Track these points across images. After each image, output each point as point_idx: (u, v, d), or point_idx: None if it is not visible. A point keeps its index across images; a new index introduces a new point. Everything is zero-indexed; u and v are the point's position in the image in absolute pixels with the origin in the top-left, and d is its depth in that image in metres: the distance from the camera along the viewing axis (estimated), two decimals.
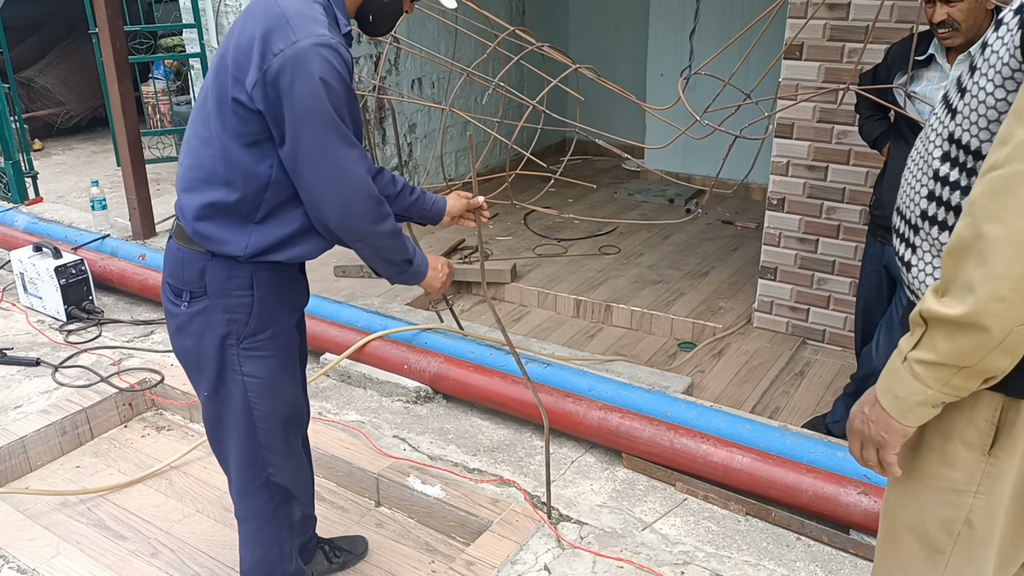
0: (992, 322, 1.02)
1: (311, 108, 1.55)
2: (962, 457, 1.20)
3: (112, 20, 3.96)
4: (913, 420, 1.16)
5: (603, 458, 2.67)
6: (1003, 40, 1.11)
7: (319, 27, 1.57)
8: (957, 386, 1.10)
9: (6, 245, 4.32)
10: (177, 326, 1.79)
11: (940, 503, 1.23)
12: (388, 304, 3.87)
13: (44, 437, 2.83)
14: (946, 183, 1.19)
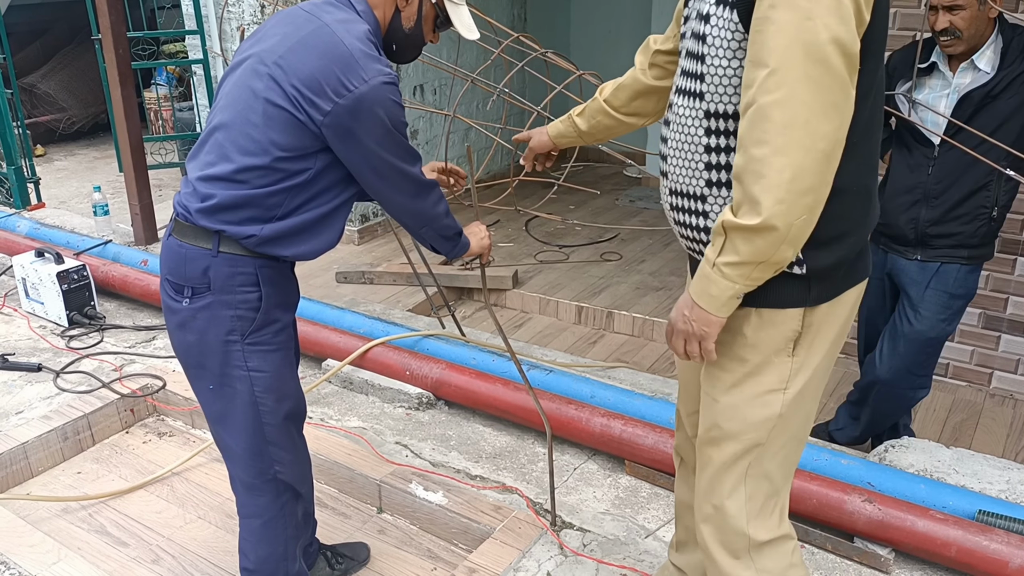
0: (778, 221, 1.27)
1: (384, 137, 1.73)
2: (773, 363, 1.46)
3: (115, 26, 3.97)
4: (725, 312, 1.40)
5: (606, 465, 2.66)
6: (720, 26, 1.35)
7: (383, 66, 1.71)
8: (757, 278, 1.35)
9: (8, 250, 4.32)
10: (179, 322, 1.80)
11: (758, 407, 1.48)
12: (390, 310, 3.86)
13: (45, 443, 2.83)
14: (719, 151, 1.42)
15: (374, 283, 4.70)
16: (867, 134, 1.39)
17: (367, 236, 5.36)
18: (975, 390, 3.73)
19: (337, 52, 1.69)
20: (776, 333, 1.45)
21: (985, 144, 2.41)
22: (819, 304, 1.44)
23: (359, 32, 1.73)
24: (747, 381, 1.49)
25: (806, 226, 1.31)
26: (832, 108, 1.25)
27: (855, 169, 1.38)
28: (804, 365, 1.48)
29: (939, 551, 2.12)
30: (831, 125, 1.26)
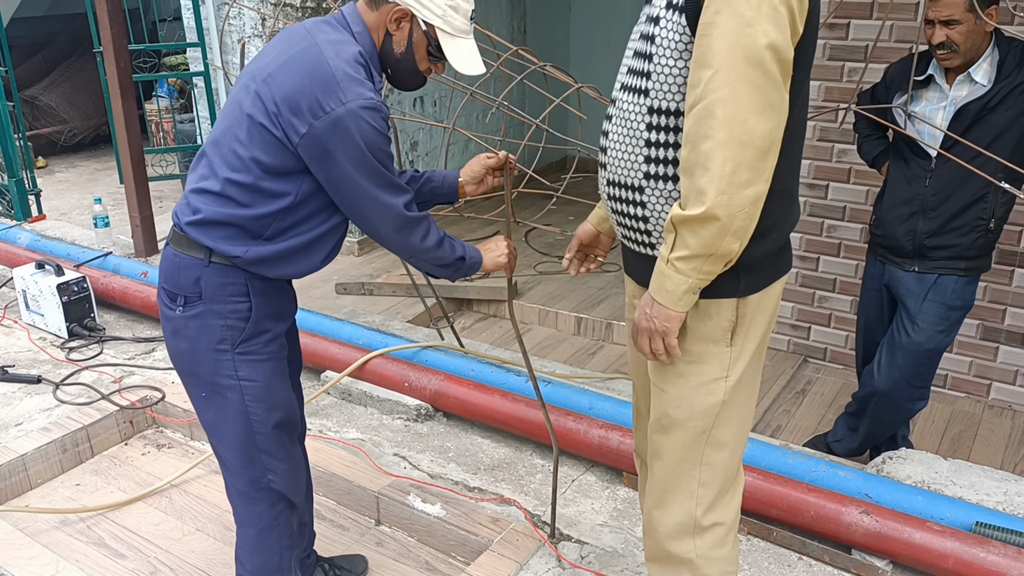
0: (720, 212, 1.36)
1: (359, 161, 1.70)
2: (713, 353, 1.56)
3: (117, 39, 3.99)
4: (683, 306, 1.48)
5: (604, 477, 2.66)
6: (668, 28, 1.44)
7: (366, 90, 1.69)
8: (708, 271, 1.44)
9: (9, 262, 4.33)
10: (172, 330, 1.84)
11: (703, 395, 1.58)
12: (389, 321, 3.87)
13: (44, 455, 2.83)
14: (659, 145, 1.50)
15: (373, 294, 4.71)
16: (791, 139, 1.47)
17: (367, 247, 5.38)
18: (973, 401, 3.73)
19: (319, 72, 1.68)
20: (713, 324, 1.54)
21: (982, 156, 2.43)
22: (749, 295, 1.54)
23: (348, 54, 1.71)
24: (691, 370, 1.58)
25: (749, 219, 1.39)
26: (768, 108, 1.34)
27: (779, 170, 1.45)
28: (742, 353, 1.58)
29: (937, 563, 2.12)
30: (768, 124, 1.35)
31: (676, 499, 1.66)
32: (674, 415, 1.61)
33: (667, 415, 1.62)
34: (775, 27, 1.32)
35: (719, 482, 1.65)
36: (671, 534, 1.68)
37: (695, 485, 1.64)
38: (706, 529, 1.66)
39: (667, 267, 1.45)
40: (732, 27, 1.32)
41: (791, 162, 1.52)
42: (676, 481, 1.66)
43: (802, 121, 1.52)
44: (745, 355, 1.58)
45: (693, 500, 1.65)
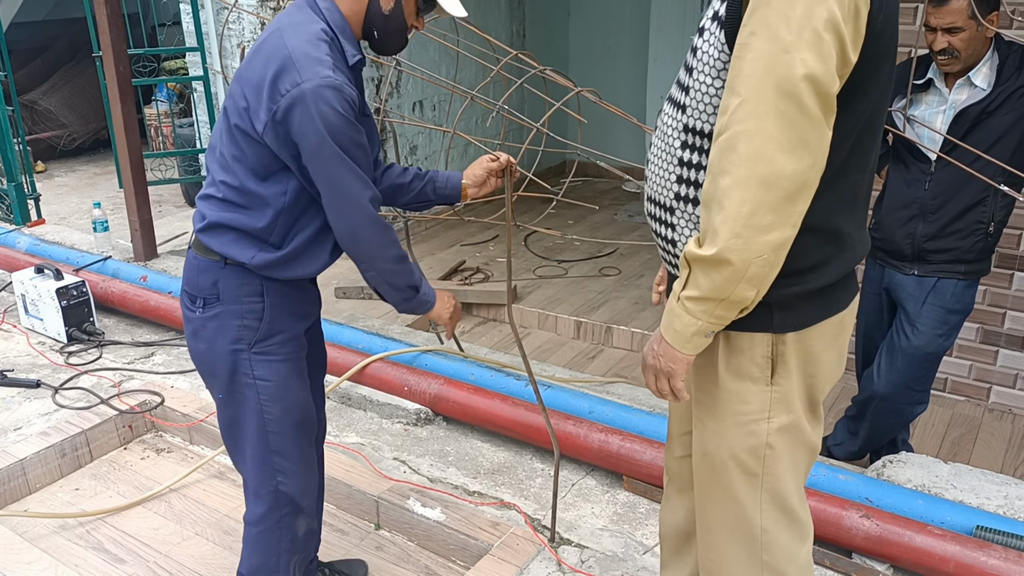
0: (733, 256, 1.23)
1: (318, 146, 1.65)
2: (751, 391, 1.42)
3: (116, 43, 3.99)
4: (691, 349, 1.36)
5: (604, 481, 2.66)
6: (710, 42, 1.33)
7: (324, 68, 1.64)
8: (720, 316, 1.31)
9: (8, 266, 4.32)
10: (192, 331, 1.88)
11: (744, 435, 1.45)
12: (389, 325, 3.87)
13: (43, 459, 2.82)
14: (691, 166, 1.39)
15: (372, 298, 4.70)
16: (843, 173, 1.34)
17: None
18: (973, 405, 3.73)
19: (277, 56, 1.66)
20: (746, 359, 1.42)
21: (981, 160, 2.43)
22: (784, 332, 1.40)
23: (310, 32, 1.68)
24: (729, 408, 1.45)
25: (768, 267, 1.25)
26: (801, 146, 1.20)
27: (824, 208, 1.33)
28: (787, 396, 1.43)
29: (938, 567, 2.11)
30: (799, 164, 1.21)
31: (726, 554, 1.54)
32: (715, 453, 1.49)
33: (709, 453, 1.50)
34: (816, 56, 1.18)
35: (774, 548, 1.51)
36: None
37: (750, 528, 1.51)
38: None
39: (677, 305, 1.33)
40: (767, 52, 1.19)
41: (843, 199, 1.37)
42: (727, 525, 1.53)
43: (863, 154, 1.36)
44: (792, 398, 1.43)
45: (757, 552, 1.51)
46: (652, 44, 6.36)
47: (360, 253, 1.78)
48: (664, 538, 1.90)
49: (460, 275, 4.97)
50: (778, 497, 1.49)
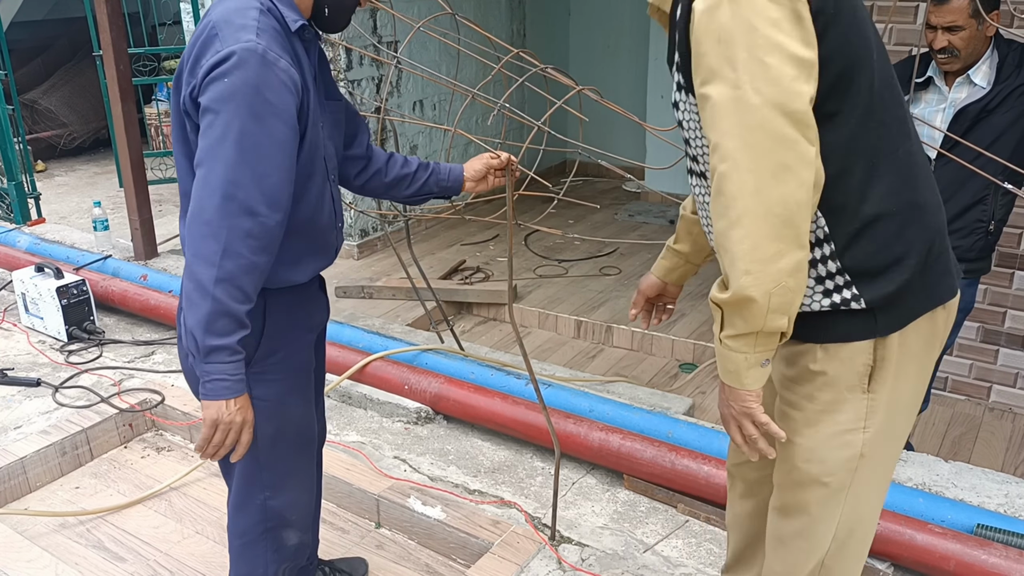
0: (753, 292, 1.24)
1: (212, 112, 1.47)
2: (847, 400, 1.40)
3: (116, 43, 4.00)
4: (753, 382, 1.34)
5: (604, 479, 2.66)
6: (688, 111, 1.38)
7: (247, 33, 1.49)
8: (764, 345, 1.31)
9: (8, 265, 4.33)
10: (186, 352, 1.75)
11: (837, 447, 1.42)
12: (389, 324, 3.86)
13: (44, 458, 2.82)
14: None
15: (373, 297, 4.71)
16: (890, 150, 1.33)
17: (366, 251, 5.37)
18: (974, 404, 3.73)
19: (203, 30, 1.54)
20: (845, 369, 1.38)
21: (981, 158, 2.43)
22: (889, 334, 1.37)
23: (239, 4, 1.55)
24: (822, 420, 1.42)
25: (790, 292, 1.25)
26: (782, 170, 1.21)
27: (887, 191, 1.33)
28: (884, 402, 1.41)
29: (938, 565, 2.11)
30: (785, 187, 1.21)
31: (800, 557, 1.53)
32: (804, 468, 1.45)
33: (797, 468, 1.46)
34: (765, 81, 1.19)
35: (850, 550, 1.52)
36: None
37: (828, 543, 1.49)
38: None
39: (721, 347, 1.34)
40: (720, 95, 1.22)
41: (900, 174, 1.34)
42: (804, 540, 1.51)
43: (891, 128, 1.33)
44: (887, 403, 1.41)
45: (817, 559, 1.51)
46: (652, 44, 6.35)
47: (184, 249, 1.55)
48: (730, 541, 1.89)
49: (460, 274, 4.97)
50: (855, 515, 1.48)
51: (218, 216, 1.47)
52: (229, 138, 1.47)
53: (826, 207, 1.33)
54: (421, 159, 2.07)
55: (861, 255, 1.35)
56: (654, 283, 1.85)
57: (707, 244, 1.75)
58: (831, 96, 1.28)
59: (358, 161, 2.01)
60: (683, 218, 1.78)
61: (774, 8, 1.20)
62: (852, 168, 1.32)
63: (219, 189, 1.47)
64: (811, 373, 1.41)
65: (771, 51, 1.20)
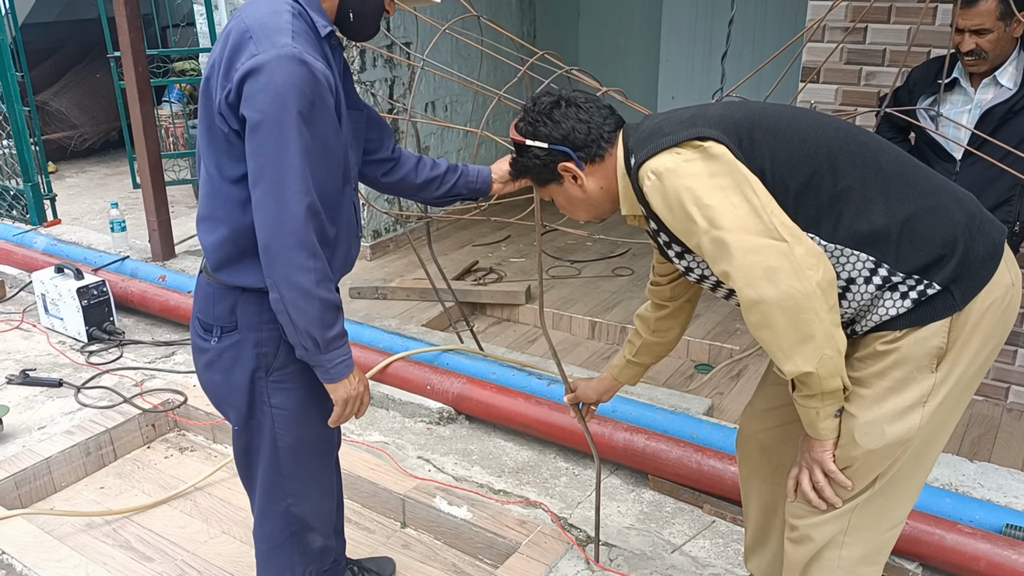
0: (807, 366, 1.40)
1: (260, 120, 1.48)
2: (916, 379, 1.48)
3: (135, 44, 4.01)
4: (828, 432, 1.52)
5: (629, 480, 2.66)
6: (697, 263, 1.62)
7: (283, 37, 1.49)
8: (829, 400, 1.47)
9: (26, 267, 4.34)
10: (206, 362, 1.76)
11: (897, 423, 1.49)
12: (404, 325, 3.87)
13: (68, 458, 2.83)
14: None
15: (387, 298, 4.71)
16: (872, 174, 1.46)
17: (379, 252, 5.38)
18: (992, 405, 3.73)
19: (237, 32, 1.53)
20: (919, 349, 1.48)
21: (1008, 159, 2.43)
22: (967, 302, 1.45)
23: (272, 7, 1.54)
24: (888, 397, 1.50)
25: (835, 355, 1.40)
26: (772, 273, 1.36)
27: (895, 199, 1.45)
28: (947, 378, 1.49)
29: (968, 565, 2.11)
30: (783, 284, 1.36)
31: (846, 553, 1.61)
32: (863, 442, 1.51)
33: (855, 443, 1.52)
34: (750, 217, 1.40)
35: (880, 530, 1.60)
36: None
37: (845, 524, 1.59)
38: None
39: (798, 404, 1.51)
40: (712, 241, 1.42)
41: (885, 194, 1.46)
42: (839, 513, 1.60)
43: (860, 161, 1.47)
44: (949, 381, 1.49)
45: (837, 550, 1.60)
46: (664, 44, 6.36)
47: (268, 266, 1.54)
48: (749, 518, 1.98)
49: (473, 275, 4.97)
50: (889, 501, 1.57)
51: (303, 225, 1.53)
52: (291, 148, 1.49)
53: (859, 241, 1.46)
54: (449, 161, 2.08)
55: (914, 256, 1.45)
56: (608, 387, 2.04)
57: (663, 352, 1.97)
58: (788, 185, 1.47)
59: (385, 163, 2.02)
60: (642, 338, 1.95)
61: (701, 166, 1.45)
62: (852, 204, 1.45)
63: (297, 200, 1.51)
64: (881, 353, 1.50)
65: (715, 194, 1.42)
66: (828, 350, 1.40)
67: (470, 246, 5.53)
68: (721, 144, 1.46)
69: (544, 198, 1.80)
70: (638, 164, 1.54)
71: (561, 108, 1.63)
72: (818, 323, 1.38)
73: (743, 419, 1.92)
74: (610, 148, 1.64)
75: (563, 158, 1.63)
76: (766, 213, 1.40)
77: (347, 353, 1.67)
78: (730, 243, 1.39)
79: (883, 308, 1.48)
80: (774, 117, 1.52)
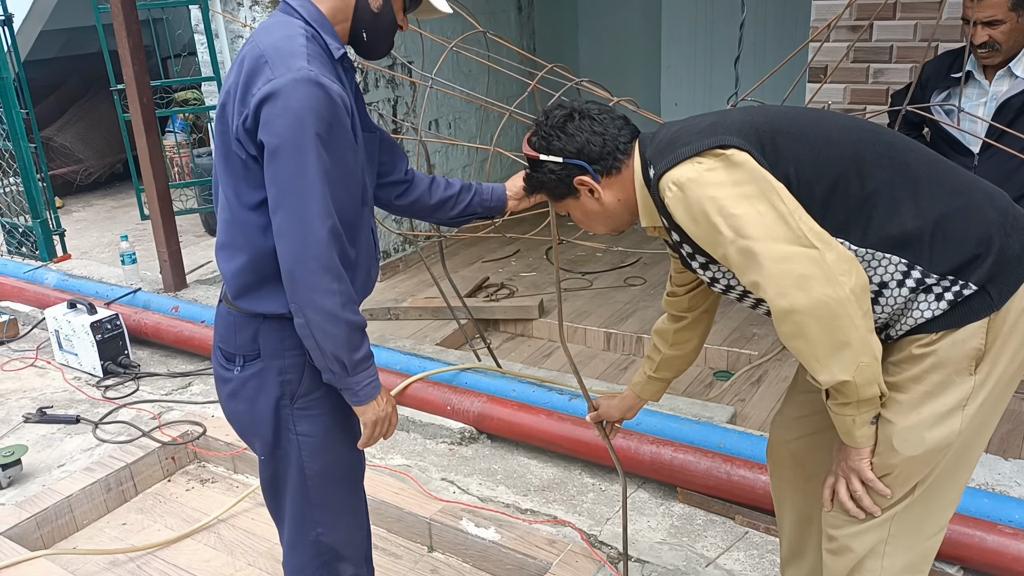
0: (844, 375, 1.37)
1: (280, 144, 1.47)
2: (955, 382, 1.44)
3: (139, 75, 4.01)
4: (864, 440, 1.48)
5: (657, 493, 2.63)
6: (723, 273, 1.56)
7: (299, 60, 1.48)
8: (865, 408, 1.45)
9: (38, 303, 4.33)
10: (230, 392, 1.73)
11: (937, 428, 1.45)
12: (419, 345, 3.85)
13: (89, 495, 2.81)
14: None
15: (399, 319, 4.69)
16: (899, 175, 1.43)
17: (389, 272, 5.37)
18: (1018, 399, 3.67)
19: (251, 58, 1.52)
20: (956, 351, 1.44)
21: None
22: (1005, 301, 1.41)
23: (285, 31, 1.54)
24: (926, 402, 1.46)
25: (871, 362, 1.38)
26: (803, 281, 1.34)
27: (925, 199, 1.42)
28: (986, 380, 1.45)
29: (1010, 567, 2.07)
30: (815, 291, 1.33)
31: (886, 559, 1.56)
32: (901, 449, 1.47)
33: (894, 451, 1.48)
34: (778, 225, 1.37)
35: (919, 541, 1.55)
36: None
37: (885, 534, 1.54)
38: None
39: (832, 412, 1.48)
40: (739, 250, 1.40)
41: (916, 194, 1.43)
42: (878, 523, 1.55)
43: (880, 175, 1.43)
44: (989, 383, 1.45)
45: (879, 560, 1.55)
46: (664, 53, 6.36)
47: (293, 291, 1.53)
48: (784, 530, 1.93)
49: (485, 291, 4.95)
50: (929, 508, 1.53)
51: (326, 250, 1.51)
52: (311, 171, 1.48)
53: (890, 244, 1.42)
54: (463, 180, 2.06)
55: (948, 256, 1.42)
56: (631, 404, 2.02)
57: (683, 366, 1.94)
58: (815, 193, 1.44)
59: (399, 186, 2.00)
60: (661, 353, 1.92)
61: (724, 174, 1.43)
62: (881, 207, 1.42)
63: (319, 223, 1.50)
64: (917, 357, 1.46)
65: (764, 202, 1.39)
66: (865, 357, 1.37)
67: (480, 262, 5.51)
68: (743, 151, 1.43)
69: (560, 212, 1.77)
70: (658, 176, 1.51)
71: (574, 121, 1.61)
72: (853, 330, 1.35)
73: (773, 429, 1.88)
74: (626, 159, 1.61)
75: (579, 172, 1.61)
76: (794, 220, 1.37)
77: (374, 374, 1.65)
78: (758, 252, 1.37)
79: (918, 311, 1.45)
80: (796, 121, 1.49)
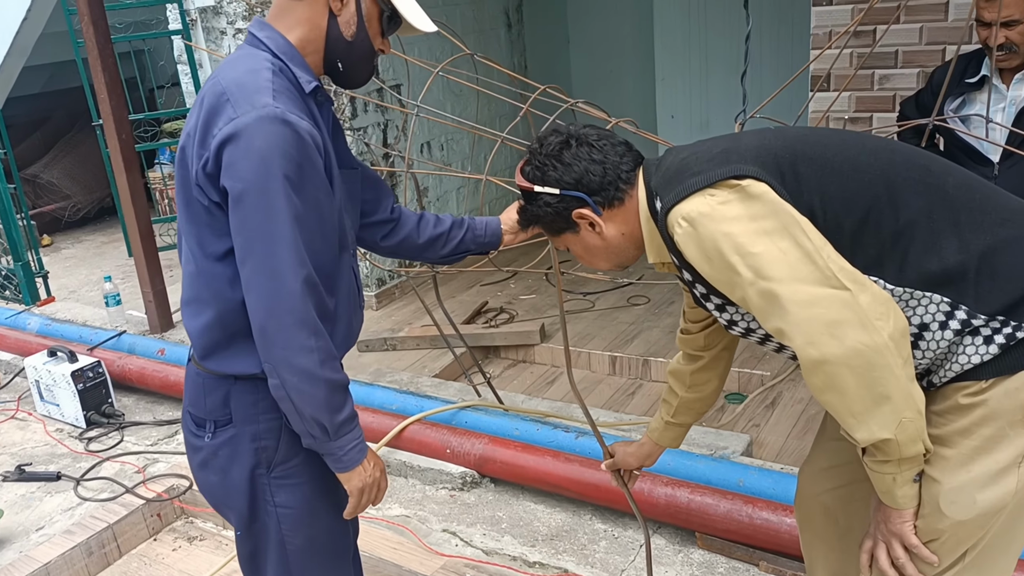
0: (884, 433, 1.22)
1: (243, 190, 1.33)
2: (1008, 436, 1.28)
3: (116, 111, 3.87)
4: (905, 502, 1.32)
5: (674, 539, 2.46)
6: (739, 314, 1.41)
7: (263, 96, 1.35)
8: (907, 466, 1.29)
9: (20, 351, 4.17)
10: (201, 461, 1.58)
11: (990, 488, 1.29)
12: (417, 378, 3.69)
13: (69, 561, 2.64)
14: None
15: (397, 349, 4.53)
16: (938, 205, 1.28)
17: (385, 300, 5.21)
18: None
19: (212, 95, 1.39)
20: (1010, 401, 1.27)
21: None
22: None
23: (250, 65, 1.42)
24: (977, 458, 1.30)
25: (915, 416, 1.23)
26: (835, 327, 1.20)
27: (968, 230, 1.27)
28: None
29: None
30: (849, 339, 1.19)
31: None
32: (949, 513, 1.31)
33: (940, 513, 1.32)
34: (803, 263, 1.22)
35: None
36: None
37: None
38: None
39: (873, 474, 1.32)
40: (759, 293, 1.25)
41: (956, 227, 1.27)
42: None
43: (916, 206, 1.27)
44: None
45: None
46: (658, 64, 6.23)
47: (266, 349, 1.38)
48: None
49: (484, 317, 4.80)
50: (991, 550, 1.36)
51: (300, 303, 1.37)
52: (280, 217, 1.34)
53: (931, 282, 1.27)
54: (454, 215, 1.91)
55: (996, 294, 1.26)
56: (650, 452, 1.84)
57: (704, 409, 1.78)
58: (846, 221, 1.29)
59: (384, 225, 1.84)
60: (678, 396, 1.76)
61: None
62: (919, 240, 1.27)
63: (291, 274, 1.36)
64: (965, 407, 1.30)
65: (785, 238, 1.24)
66: (908, 412, 1.22)
67: (478, 286, 5.35)
68: (762, 182, 1.27)
69: (559, 247, 1.61)
70: (665, 209, 1.35)
71: (571, 148, 1.45)
72: (894, 381, 1.20)
73: (802, 479, 1.71)
74: (630, 189, 1.45)
75: (577, 204, 1.45)
76: (821, 258, 1.22)
77: (359, 436, 1.50)
78: (782, 296, 1.22)
79: (964, 355, 1.28)
80: (819, 144, 1.33)
